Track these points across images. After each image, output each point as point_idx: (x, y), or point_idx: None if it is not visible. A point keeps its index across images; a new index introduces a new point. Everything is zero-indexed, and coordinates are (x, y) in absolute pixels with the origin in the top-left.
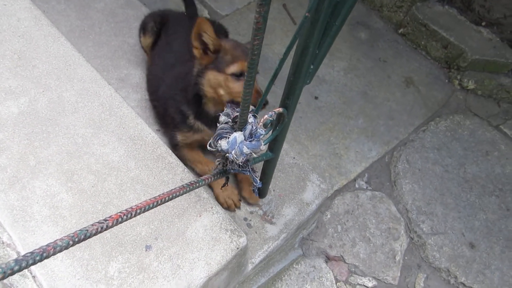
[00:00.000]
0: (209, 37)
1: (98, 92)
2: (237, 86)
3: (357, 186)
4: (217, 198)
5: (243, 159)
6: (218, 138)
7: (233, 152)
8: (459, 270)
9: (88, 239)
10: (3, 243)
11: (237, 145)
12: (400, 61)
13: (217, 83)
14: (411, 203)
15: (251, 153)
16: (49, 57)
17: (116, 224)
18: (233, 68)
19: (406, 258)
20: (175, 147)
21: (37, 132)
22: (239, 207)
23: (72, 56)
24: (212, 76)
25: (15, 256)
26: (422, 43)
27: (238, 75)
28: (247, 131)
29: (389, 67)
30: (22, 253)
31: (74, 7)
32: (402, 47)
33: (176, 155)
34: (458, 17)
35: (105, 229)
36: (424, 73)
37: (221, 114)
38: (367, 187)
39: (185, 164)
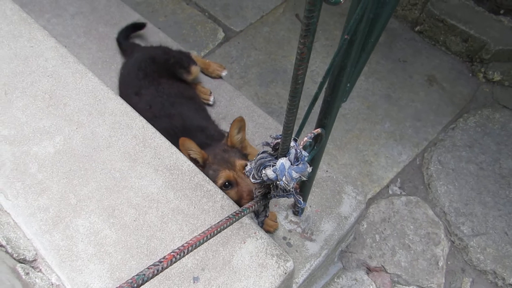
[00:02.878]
0: (195, 152)
1: (130, 124)
2: (232, 194)
3: (390, 192)
4: None
5: (293, 184)
6: (261, 168)
7: (283, 179)
8: (506, 271)
9: None
10: (52, 284)
11: (286, 171)
12: (420, 59)
13: None
14: (448, 205)
15: (300, 176)
16: (79, 93)
17: (171, 265)
18: (220, 181)
19: (449, 263)
20: None
21: (75, 169)
22: (277, 228)
23: (101, 91)
24: None
25: None
26: (441, 39)
27: (226, 186)
28: (292, 156)
29: (410, 67)
30: None
31: (94, 39)
32: (420, 45)
33: None
34: (475, 8)
35: (161, 271)
36: (446, 70)
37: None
38: (401, 193)
39: None
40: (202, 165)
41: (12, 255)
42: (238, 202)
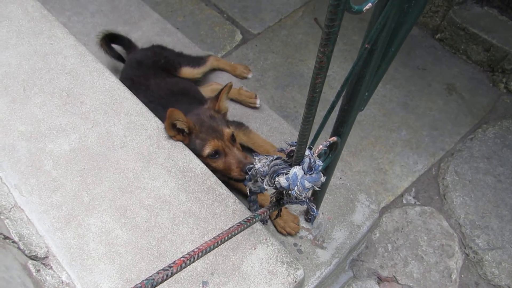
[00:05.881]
0: (182, 122)
1: (145, 125)
2: (219, 164)
3: (404, 201)
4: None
5: (306, 194)
6: (274, 175)
7: (295, 188)
8: None
9: None
10: (62, 282)
11: (299, 180)
12: (439, 67)
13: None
14: (464, 217)
15: (312, 186)
16: (95, 92)
17: (181, 270)
18: (207, 150)
19: (462, 276)
20: None
21: (89, 168)
22: (298, 231)
23: (117, 90)
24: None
25: None
26: (462, 47)
27: (214, 155)
28: (306, 165)
29: (429, 75)
30: None
31: None
32: (440, 53)
33: None
34: (499, 18)
35: (170, 276)
36: (466, 79)
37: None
38: (415, 202)
39: None
40: (188, 133)
41: (24, 252)
42: (226, 172)
